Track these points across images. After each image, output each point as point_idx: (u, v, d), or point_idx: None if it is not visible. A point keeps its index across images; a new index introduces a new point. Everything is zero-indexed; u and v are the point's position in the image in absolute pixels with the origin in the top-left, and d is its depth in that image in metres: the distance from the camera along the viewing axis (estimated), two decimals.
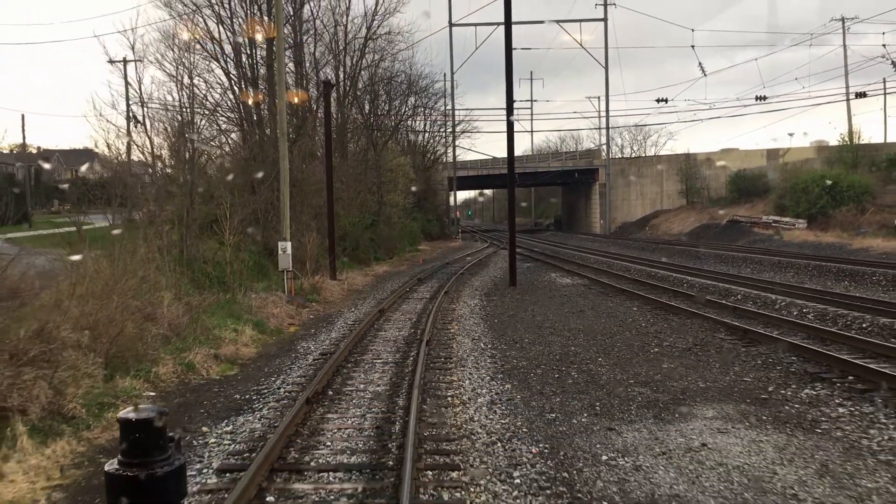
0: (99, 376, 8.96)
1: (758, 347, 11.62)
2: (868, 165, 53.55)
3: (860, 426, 7.40)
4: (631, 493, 5.79)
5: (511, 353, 11.86)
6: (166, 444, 2.38)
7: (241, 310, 14.95)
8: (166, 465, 2.34)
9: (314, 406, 8.44)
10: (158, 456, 2.33)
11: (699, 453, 6.67)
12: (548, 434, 7.40)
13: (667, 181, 70.12)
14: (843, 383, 9.15)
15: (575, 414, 8.15)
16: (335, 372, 10.20)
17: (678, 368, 10.35)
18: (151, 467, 2.31)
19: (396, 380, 9.82)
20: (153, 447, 2.33)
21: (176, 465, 2.36)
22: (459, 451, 6.81)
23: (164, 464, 2.34)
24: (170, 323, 12.04)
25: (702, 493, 5.75)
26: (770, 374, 9.88)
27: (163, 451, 2.35)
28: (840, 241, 39.14)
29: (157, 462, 2.32)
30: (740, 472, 6.17)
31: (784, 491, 5.72)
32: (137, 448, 2.32)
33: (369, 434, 7.44)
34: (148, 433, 2.33)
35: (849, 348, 11.13)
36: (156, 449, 2.33)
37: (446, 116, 65.42)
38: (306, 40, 32.72)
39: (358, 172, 38.05)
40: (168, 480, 2.32)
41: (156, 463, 2.32)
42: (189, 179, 19.57)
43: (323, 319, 16.41)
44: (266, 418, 8.14)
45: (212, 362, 11.16)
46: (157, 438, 2.35)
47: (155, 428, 2.34)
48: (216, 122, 28.21)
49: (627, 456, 6.66)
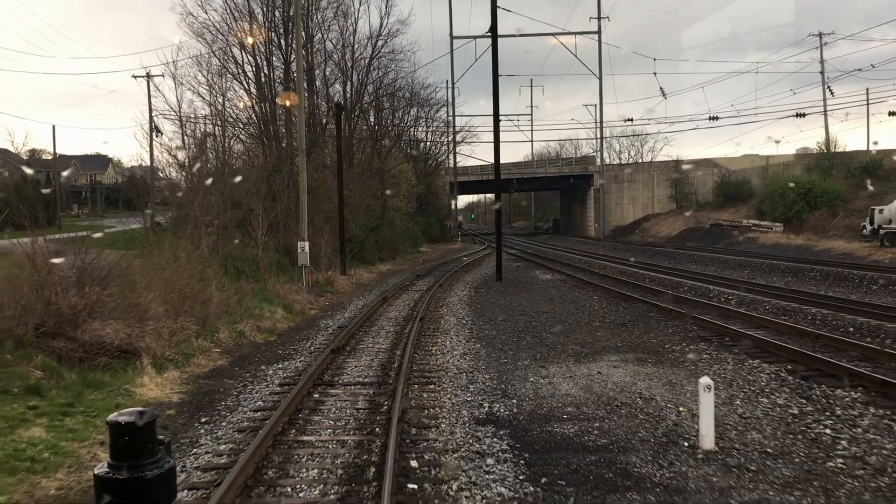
0: (181, 335, 12.47)
1: (674, 322, 15.08)
2: (844, 172, 56.83)
3: (708, 363, 10.87)
4: (540, 392, 9.27)
5: (485, 326, 15.33)
6: (156, 447, 2.38)
7: (271, 296, 18.48)
8: (155, 468, 2.33)
9: (337, 355, 11.94)
10: (148, 458, 2.33)
11: (593, 376, 10.15)
12: (498, 370, 10.87)
13: (657, 187, 73.44)
14: (720, 343, 12.60)
15: (520, 360, 11.62)
16: (350, 337, 13.69)
17: (607, 335, 13.82)
18: (141, 470, 2.30)
19: (396, 341, 13.32)
20: (142, 450, 2.32)
21: (165, 468, 2.36)
22: (436, 377, 10.29)
23: (154, 466, 2.33)
24: (219, 303, 15.55)
25: (583, 392, 9.22)
26: (672, 338, 13.34)
27: (152, 454, 2.35)
28: (808, 244, 42.46)
29: (147, 465, 2.32)
30: (614, 384, 9.65)
31: (635, 391, 9.18)
32: (127, 450, 2.32)
33: (376, 369, 10.94)
34: (137, 436, 2.33)
35: (742, 322, 14.58)
36: (145, 452, 2.33)
37: (448, 126, 68.82)
38: (318, 62, 36.24)
39: (364, 180, 41.54)
40: (157, 483, 2.32)
41: (145, 465, 2.31)
42: (222, 189, 23.10)
43: (336, 305, 19.92)
44: (304, 362, 11.64)
45: (256, 332, 14.68)
46: (147, 441, 2.34)
47: (144, 431, 2.33)
48: (239, 136, 31.75)
49: (546, 378, 10.14)
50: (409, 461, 6.66)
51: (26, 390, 8.54)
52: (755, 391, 9.12)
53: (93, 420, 8.00)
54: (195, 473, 6.51)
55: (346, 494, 5.93)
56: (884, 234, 37.17)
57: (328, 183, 32.30)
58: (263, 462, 6.67)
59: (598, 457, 6.81)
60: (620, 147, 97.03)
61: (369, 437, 7.49)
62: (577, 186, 77.34)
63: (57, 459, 6.76)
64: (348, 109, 41.98)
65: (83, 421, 7.95)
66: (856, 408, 8.18)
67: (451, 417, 8.19)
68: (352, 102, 42.60)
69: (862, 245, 38.00)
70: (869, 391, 8.75)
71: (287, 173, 28.63)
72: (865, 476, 6.17)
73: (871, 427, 7.47)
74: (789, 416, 8.00)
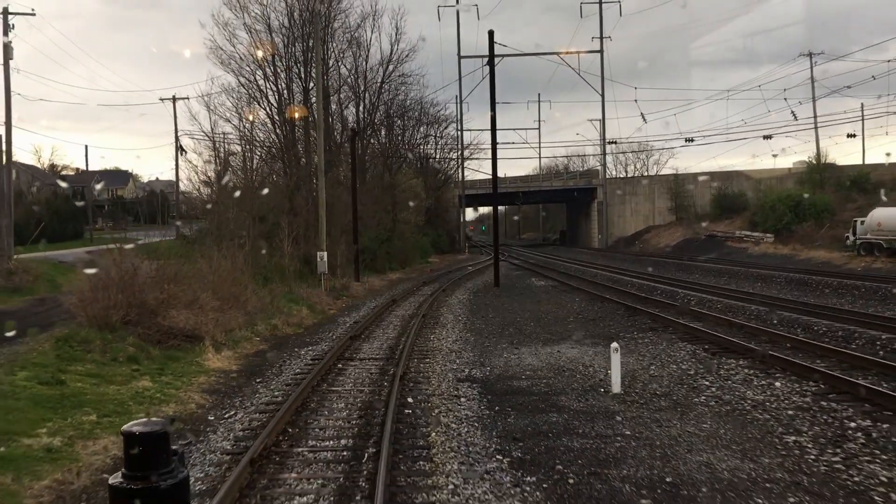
0: (230, 326, 15.55)
1: (635, 317, 18.01)
2: (834, 185, 59.40)
3: (646, 345, 13.81)
4: (509, 363, 12.27)
5: (477, 322, 18.33)
6: (169, 458, 2.39)
7: (297, 298, 21.58)
8: (169, 478, 2.34)
9: (354, 341, 14.99)
10: (162, 469, 2.35)
11: (553, 354, 13.14)
12: (481, 350, 13.87)
13: (658, 199, 76.16)
14: (664, 331, 15.52)
15: (500, 344, 14.60)
16: (364, 328, 16.74)
17: (576, 327, 16.78)
18: (154, 480, 2.31)
19: (402, 331, 16.36)
20: (157, 460, 2.35)
21: (179, 478, 2.37)
22: (432, 355, 13.31)
23: (167, 476, 2.35)
24: (255, 303, 18.64)
25: (541, 363, 12.20)
26: (628, 328, 16.28)
27: (166, 465, 2.37)
28: (792, 253, 45.20)
29: (161, 475, 2.34)
30: (567, 358, 12.62)
31: (581, 362, 12.14)
32: (141, 461, 2.33)
33: (385, 349, 13.97)
34: (151, 446, 2.33)
35: (690, 317, 17.48)
36: (159, 462, 2.35)
37: (456, 142, 71.99)
38: (333, 88, 39.54)
39: (375, 195, 44.71)
40: (170, 493, 2.33)
41: (159, 476, 2.34)
42: (251, 206, 26.30)
43: (352, 306, 22.99)
44: (328, 345, 14.69)
45: (286, 326, 17.76)
46: (161, 452, 2.36)
47: (158, 441, 2.35)
48: (263, 157, 35.04)
49: (516, 355, 13.13)
50: (407, 399, 9.68)
51: (128, 359, 11.63)
52: (670, 361, 12.08)
53: (180, 378, 11.09)
54: (261, 406, 9.55)
55: (364, 415, 8.95)
56: (860, 245, 39.77)
57: (343, 199, 35.45)
58: (306, 400, 9.70)
59: (539, 397, 9.80)
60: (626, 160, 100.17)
61: (379, 387, 10.51)
62: (582, 199, 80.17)
63: (165, 398, 9.84)
64: (361, 129, 45.24)
65: (174, 378, 11.04)
66: (736, 371, 11.12)
67: (440, 377, 11.21)
68: (364, 123, 45.85)
69: (842, 255, 40.62)
70: (754, 361, 11.68)
71: (306, 191, 31.84)
72: (714, 405, 9.12)
73: (738, 381, 10.41)
74: (685, 375, 10.96)
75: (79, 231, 70.65)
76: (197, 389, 10.56)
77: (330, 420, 8.82)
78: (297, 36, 35.85)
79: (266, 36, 34.75)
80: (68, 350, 11.25)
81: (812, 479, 6.42)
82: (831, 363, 11.19)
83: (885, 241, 37.90)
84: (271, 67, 35.03)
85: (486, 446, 7.59)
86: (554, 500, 6.11)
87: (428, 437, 7.94)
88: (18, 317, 16.90)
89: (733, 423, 8.32)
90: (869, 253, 38.55)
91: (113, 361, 11.38)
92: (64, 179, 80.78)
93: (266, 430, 7.80)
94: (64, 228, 64.66)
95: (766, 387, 9.97)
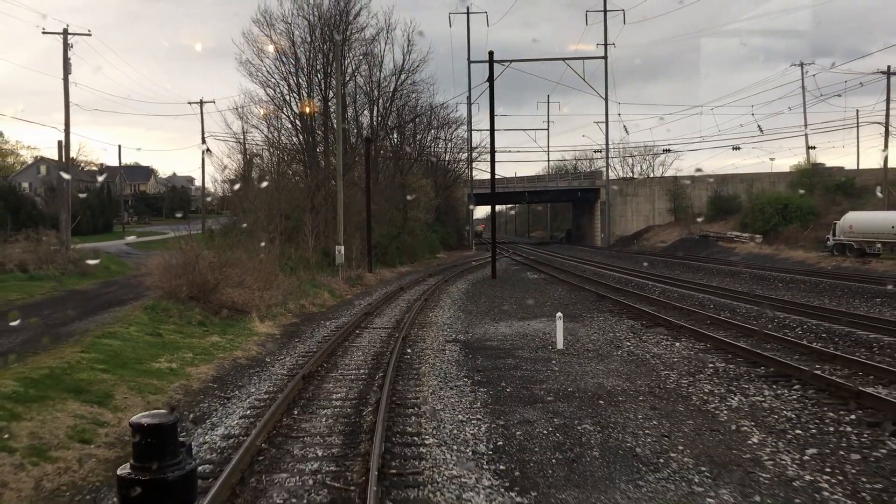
0: (268, 304, 19.34)
1: (601, 303, 21.63)
2: (823, 189, 62.55)
3: (599, 321, 17.46)
4: (487, 332, 15.98)
5: (470, 305, 22.02)
6: (177, 449, 2.42)
7: (319, 284, 25.38)
8: (177, 470, 2.38)
9: (367, 316, 18.74)
10: (170, 460, 2.39)
11: (523, 326, 16.82)
12: (468, 324, 17.57)
13: (658, 200, 79.45)
14: (619, 313, 19.13)
15: (484, 320, 18.29)
16: (375, 308, 20.49)
17: (550, 310, 20.40)
18: (162, 471, 2.35)
19: (406, 310, 20.10)
20: (165, 451, 2.38)
21: (186, 470, 2.41)
22: (429, 326, 17.03)
23: (175, 468, 2.38)
24: (286, 287, 22.43)
25: (512, 332, 15.89)
26: (591, 311, 19.90)
27: (174, 456, 2.40)
28: (774, 253, 48.51)
29: (169, 466, 2.38)
30: (534, 329, 16.30)
31: (542, 331, 15.81)
32: (149, 452, 2.37)
33: (392, 322, 17.72)
34: (160, 438, 2.37)
35: (645, 303, 21.08)
36: (167, 453, 2.39)
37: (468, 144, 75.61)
38: (350, 96, 43.32)
39: (387, 194, 48.47)
40: (178, 484, 2.36)
41: (167, 467, 2.37)
42: (279, 204, 30.13)
43: (365, 292, 26.76)
44: (347, 319, 18.43)
45: (312, 306, 21.54)
46: (169, 443, 2.40)
47: (167, 432, 2.39)
48: (286, 160, 38.90)
49: (494, 327, 16.83)
50: (407, 350, 13.42)
51: (198, 323, 15.44)
52: (610, 331, 15.75)
53: (239, 336, 14.87)
54: (302, 353, 13.31)
55: (376, 358, 12.68)
56: (833, 245, 43.09)
57: (357, 198, 39.23)
58: (335, 350, 13.44)
59: (503, 351, 13.50)
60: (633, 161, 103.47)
61: (386, 344, 14.25)
62: (586, 199, 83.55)
63: (233, 347, 13.62)
64: (374, 133, 49.00)
65: (234, 336, 14.83)
66: (654, 337, 14.76)
67: (433, 339, 14.93)
68: (377, 127, 49.60)
69: (818, 255, 43.95)
70: (672, 331, 15.30)
71: (325, 191, 35.62)
72: (626, 356, 12.78)
73: (652, 343, 14.06)
74: (616, 339, 14.62)
75: (108, 224, 75.11)
76: (253, 344, 14.35)
77: (352, 360, 12.57)
78: (318, 49, 39.65)
79: (290, 50, 38.58)
80: (156, 315, 15.07)
81: (661, 391, 10.07)
82: (729, 333, 14.78)
83: (855, 243, 41.18)
84: (294, 79, 38.87)
85: (457, 374, 11.32)
86: (495, 398, 9.80)
87: (419, 369, 11.67)
88: (95, 295, 20.79)
89: (631, 364, 11.99)
90: (841, 253, 41.86)
91: (188, 324, 15.19)
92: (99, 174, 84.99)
93: (308, 364, 11.55)
94: (96, 222, 69.11)
95: (669, 346, 13.62)
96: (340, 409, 9.21)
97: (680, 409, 9.12)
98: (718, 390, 10.03)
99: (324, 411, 9.13)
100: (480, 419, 8.70)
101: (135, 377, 10.11)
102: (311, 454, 7.40)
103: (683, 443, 7.67)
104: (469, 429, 8.28)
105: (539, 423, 8.46)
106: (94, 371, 9.84)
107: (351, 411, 9.11)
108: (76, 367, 9.83)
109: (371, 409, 9.01)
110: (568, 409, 9.11)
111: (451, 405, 9.36)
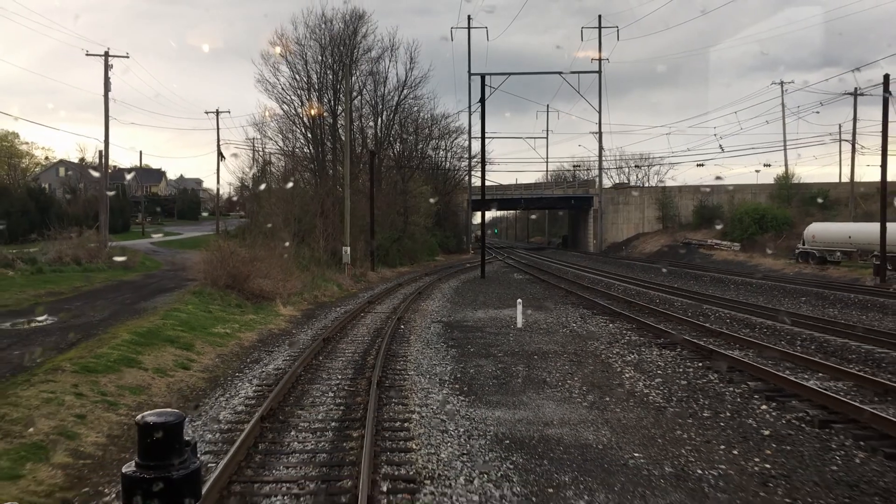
0: (288, 292, 23.30)
1: (570, 297, 25.55)
2: (799, 200, 66.45)
3: (559, 310, 21.39)
4: (465, 317, 19.93)
5: (456, 298, 25.96)
6: (183, 448, 2.43)
7: (328, 280, 29.36)
8: (182, 469, 2.39)
9: (370, 304, 22.70)
10: (175, 459, 2.39)
11: (496, 313, 20.76)
12: (452, 311, 21.50)
13: (647, 209, 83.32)
14: (579, 304, 23.02)
15: (466, 309, 22.21)
16: (377, 298, 24.45)
17: (523, 302, 24.33)
18: (167, 470, 2.36)
19: (403, 300, 24.05)
20: (170, 450, 2.39)
21: (191, 469, 2.42)
22: (420, 312, 20.99)
23: (181, 467, 2.39)
24: (301, 281, 26.38)
25: (486, 317, 19.82)
26: (557, 303, 23.81)
27: (179, 455, 2.41)
28: (746, 260, 52.38)
29: (174, 465, 2.38)
30: (504, 315, 20.23)
31: (510, 316, 19.74)
32: (154, 451, 2.38)
33: (390, 309, 21.67)
34: (165, 436, 2.39)
35: (607, 299, 24.98)
36: (172, 452, 2.39)
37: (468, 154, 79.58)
38: (356, 110, 47.38)
39: (389, 200, 52.46)
40: (183, 483, 2.38)
41: (172, 466, 2.38)
42: (292, 208, 34.11)
43: (368, 287, 30.74)
44: (353, 307, 22.37)
45: (323, 297, 25.50)
46: (174, 442, 2.41)
47: (172, 431, 2.40)
48: (298, 168, 42.95)
49: (472, 314, 20.77)
50: (400, 326, 17.37)
51: (236, 305, 19.40)
52: (564, 316, 19.68)
53: (269, 316, 18.82)
54: (319, 327, 17.27)
55: (376, 330, 16.63)
56: (798, 253, 46.97)
57: (362, 204, 43.23)
58: (344, 326, 17.38)
59: (475, 328, 17.44)
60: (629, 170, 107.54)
61: (385, 323, 18.19)
62: (580, 207, 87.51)
63: (266, 323, 17.58)
64: (379, 142, 53.05)
65: (265, 316, 18.79)
66: (597, 321, 18.68)
67: (422, 320, 18.87)
68: (381, 137, 53.63)
69: (785, 262, 47.83)
70: (613, 318, 19.22)
71: (333, 197, 39.62)
72: (567, 332, 16.70)
73: (592, 324, 17.97)
74: (566, 322, 18.54)
75: (126, 224, 79.20)
76: (281, 321, 18.31)
77: (358, 332, 16.54)
78: (328, 67, 43.72)
79: (303, 69, 42.66)
80: (203, 298, 19.04)
81: (582, 352, 13.99)
82: (655, 319, 18.68)
83: (817, 251, 45.04)
84: (306, 94, 42.93)
85: (437, 341, 15.27)
86: (461, 354, 13.72)
87: (409, 338, 15.63)
88: (143, 284, 24.77)
89: (569, 336, 15.92)
90: (805, 261, 45.74)
91: (228, 306, 19.16)
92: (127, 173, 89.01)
93: (326, 332, 15.50)
94: (115, 222, 73.09)
95: (604, 326, 17.56)
96: (351, 357, 13.18)
97: (589, 361, 13.06)
98: (622, 352, 13.97)
99: (340, 357, 13.10)
100: (448, 364, 12.65)
101: (204, 336, 14.08)
102: (333, 378, 11.35)
103: (580, 377, 11.60)
104: (439, 368, 12.24)
105: (487, 367, 12.42)
106: (175, 331, 13.81)
107: (358, 358, 13.08)
108: (162, 329, 13.80)
109: (372, 357, 12.97)
110: (510, 361, 13.05)
111: (429, 357, 13.32)
